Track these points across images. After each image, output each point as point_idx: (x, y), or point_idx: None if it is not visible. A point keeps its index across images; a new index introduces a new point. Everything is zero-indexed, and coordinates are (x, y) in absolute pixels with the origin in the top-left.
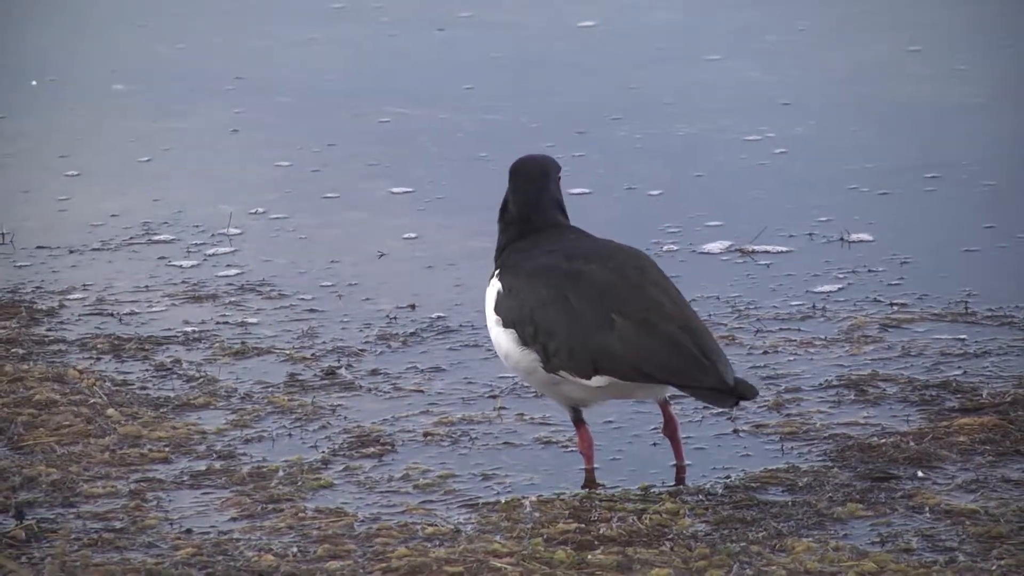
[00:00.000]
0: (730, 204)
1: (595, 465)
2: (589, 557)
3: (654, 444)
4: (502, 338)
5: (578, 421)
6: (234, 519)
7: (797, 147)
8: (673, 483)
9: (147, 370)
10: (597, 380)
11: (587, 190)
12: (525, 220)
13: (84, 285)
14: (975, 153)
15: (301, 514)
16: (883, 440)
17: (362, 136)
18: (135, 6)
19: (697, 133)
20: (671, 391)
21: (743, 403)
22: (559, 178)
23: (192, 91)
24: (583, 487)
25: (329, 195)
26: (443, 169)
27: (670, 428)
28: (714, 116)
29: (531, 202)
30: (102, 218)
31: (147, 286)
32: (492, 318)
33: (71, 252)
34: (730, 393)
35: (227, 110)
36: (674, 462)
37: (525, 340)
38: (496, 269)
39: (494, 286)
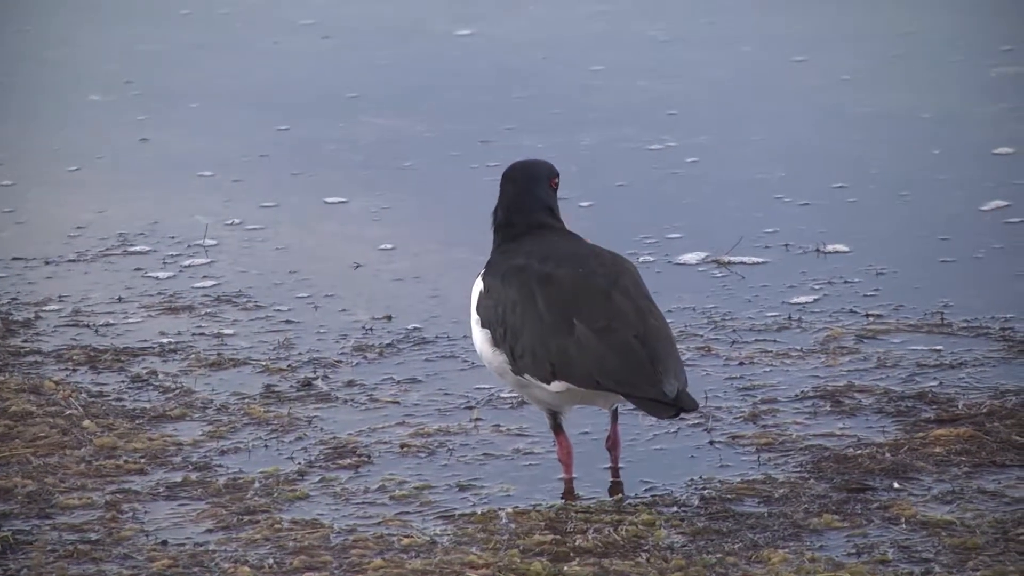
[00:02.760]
0: (673, 214)
1: (574, 475)
2: (565, 569)
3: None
4: (479, 337)
5: (557, 429)
6: (210, 531)
7: (706, 156)
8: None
9: (123, 381)
10: (556, 385)
11: None
12: (510, 224)
13: (60, 296)
14: (879, 162)
15: (277, 526)
16: (859, 451)
17: (271, 145)
18: (9, 10)
19: (599, 143)
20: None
21: (685, 415)
22: (555, 182)
23: (94, 97)
24: (561, 498)
25: (266, 204)
26: (370, 178)
27: (611, 442)
28: (610, 125)
29: (515, 206)
30: (64, 228)
31: (123, 297)
32: (473, 317)
33: (47, 263)
34: (670, 404)
35: (131, 117)
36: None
37: (496, 341)
38: (482, 269)
39: (477, 286)
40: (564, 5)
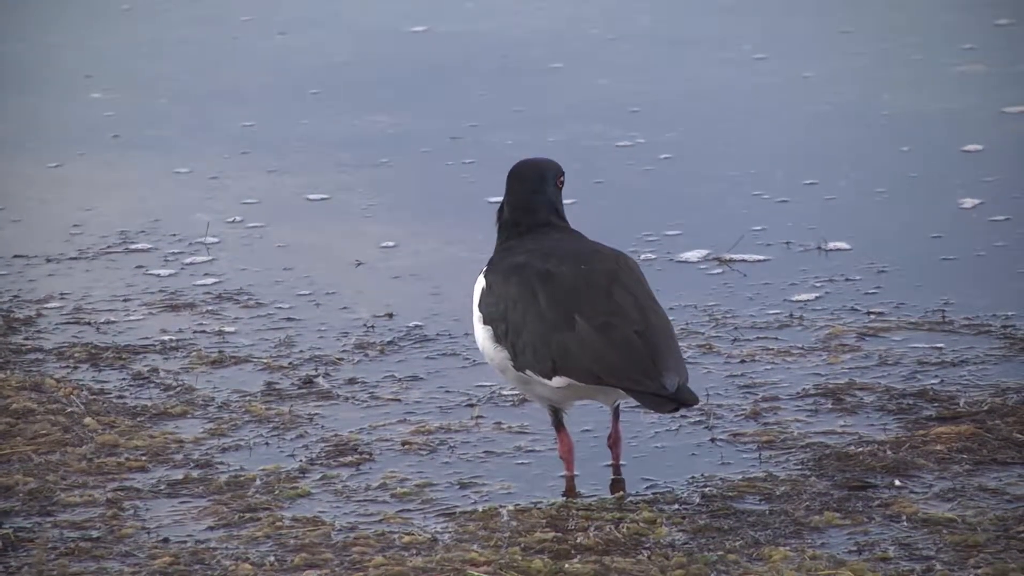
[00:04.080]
0: (662, 210)
1: (575, 472)
2: (566, 566)
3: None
4: (480, 334)
5: (558, 425)
6: (211, 528)
7: (680, 153)
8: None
9: (124, 379)
10: (558, 380)
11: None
12: (516, 222)
13: (61, 294)
14: (849, 160)
15: (278, 523)
16: (860, 449)
17: (240, 141)
18: None
19: (567, 140)
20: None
21: (684, 409)
22: (561, 181)
23: (58, 93)
24: (562, 495)
25: (247, 201)
26: (350, 175)
27: (613, 439)
28: (575, 122)
29: (521, 204)
30: (62, 226)
31: (124, 295)
32: (475, 314)
33: (48, 261)
34: (670, 399)
35: (99, 112)
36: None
37: (498, 337)
38: (484, 267)
39: (479, 283)
40: (504, 1)
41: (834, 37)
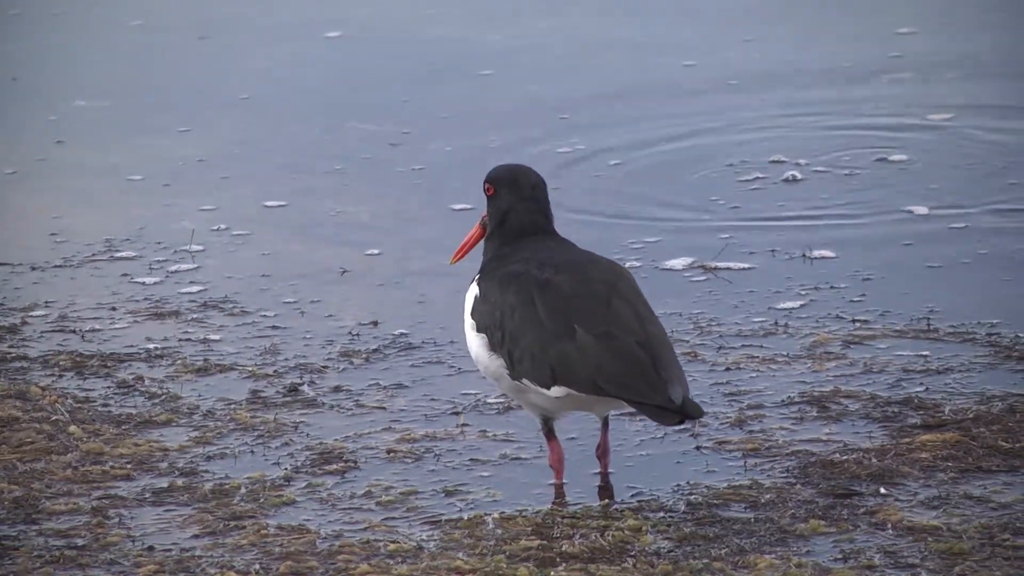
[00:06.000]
0: (631, 217)
1: (564, 480)
2: (551, 574)
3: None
4: (474, 342)
5: (549, 434)
6: (196, 536)
7: (625, 158)
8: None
9: (109, 387)
10: (556, 390)
11: (469, 205)
12: (506, 230)
13: (46, 302)
14: (789, 166)
15: (263, 531)
16: (845, 456)
17: (185, 147)
18: None
19: (508, 145)
20: (624, 407)
21: (689, 422)
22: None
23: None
24: (552, 502)
25: (205, 208)
26: (305, 182)
27: (602, 450)
28: (512, 128)
29: (511, 212)
30: (42, 232)
31: (109, 303)
32: (468, 322)
33: (33, 269)
34: (676, 412)
35: (43, 117)
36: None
37: (493, 346)
38: (477, 274)
39: (472, 290)
40: (404, 6)
41: (769, 43)
